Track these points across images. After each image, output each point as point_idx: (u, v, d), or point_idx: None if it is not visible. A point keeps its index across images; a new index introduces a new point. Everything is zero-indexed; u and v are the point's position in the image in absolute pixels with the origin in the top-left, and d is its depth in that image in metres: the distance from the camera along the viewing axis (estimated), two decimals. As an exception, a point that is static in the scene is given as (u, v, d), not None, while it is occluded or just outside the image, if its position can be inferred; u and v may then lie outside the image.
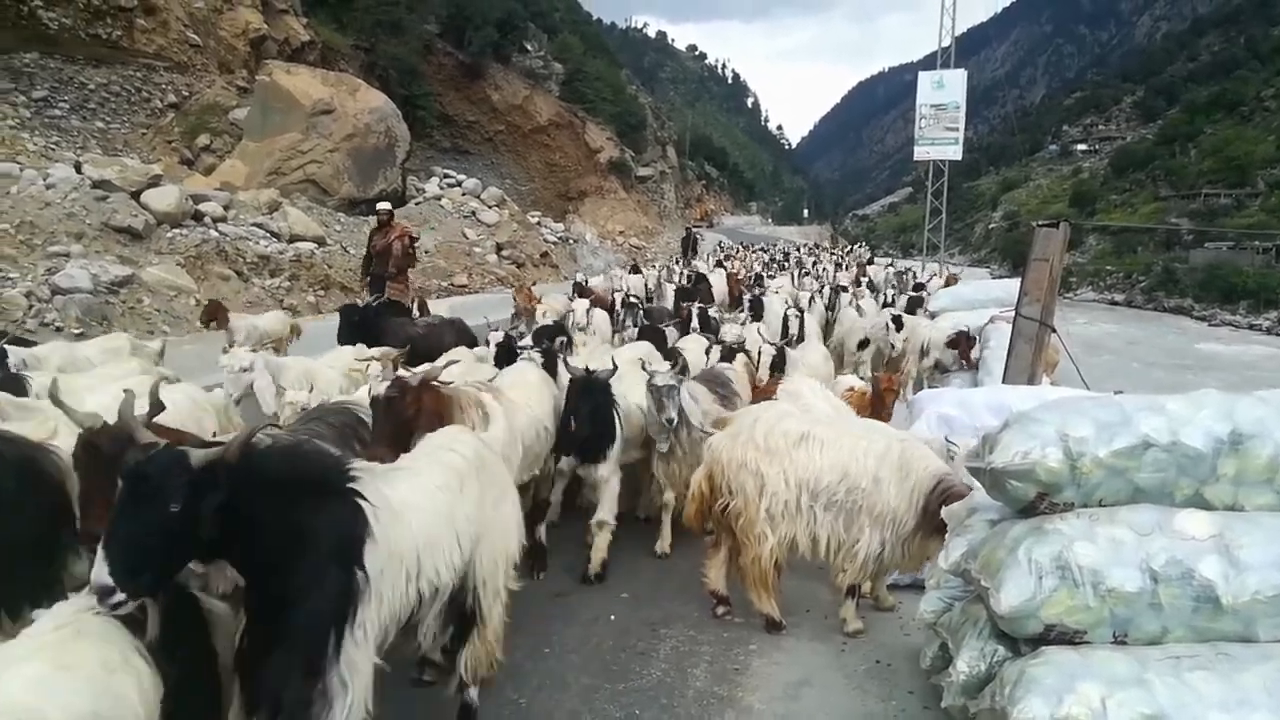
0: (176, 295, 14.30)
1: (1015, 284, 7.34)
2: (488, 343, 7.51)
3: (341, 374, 6.56)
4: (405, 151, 26.89)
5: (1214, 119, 75.38)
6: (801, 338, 9.47)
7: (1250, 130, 69.90)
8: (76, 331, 11.93)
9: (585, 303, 10.79)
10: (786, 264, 26.62)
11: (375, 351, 6.76)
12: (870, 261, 29.75)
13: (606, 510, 5.33)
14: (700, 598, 5.03)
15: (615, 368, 5.46)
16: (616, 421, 5.37)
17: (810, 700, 4.09)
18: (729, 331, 9.31)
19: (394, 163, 26.04)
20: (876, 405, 6.69)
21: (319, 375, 6.51)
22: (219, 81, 25.78)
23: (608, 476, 5.33)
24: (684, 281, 16.58)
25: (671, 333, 9.66)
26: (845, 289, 14.73)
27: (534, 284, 17.97)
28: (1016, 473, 3.05)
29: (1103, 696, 2.64)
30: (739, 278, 18.00)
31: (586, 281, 14.85)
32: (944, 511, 3.98)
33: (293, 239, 18.74)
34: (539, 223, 33.95)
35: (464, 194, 29.65)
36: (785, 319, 9.96)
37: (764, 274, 18.84)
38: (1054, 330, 6.50)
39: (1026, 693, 2.74)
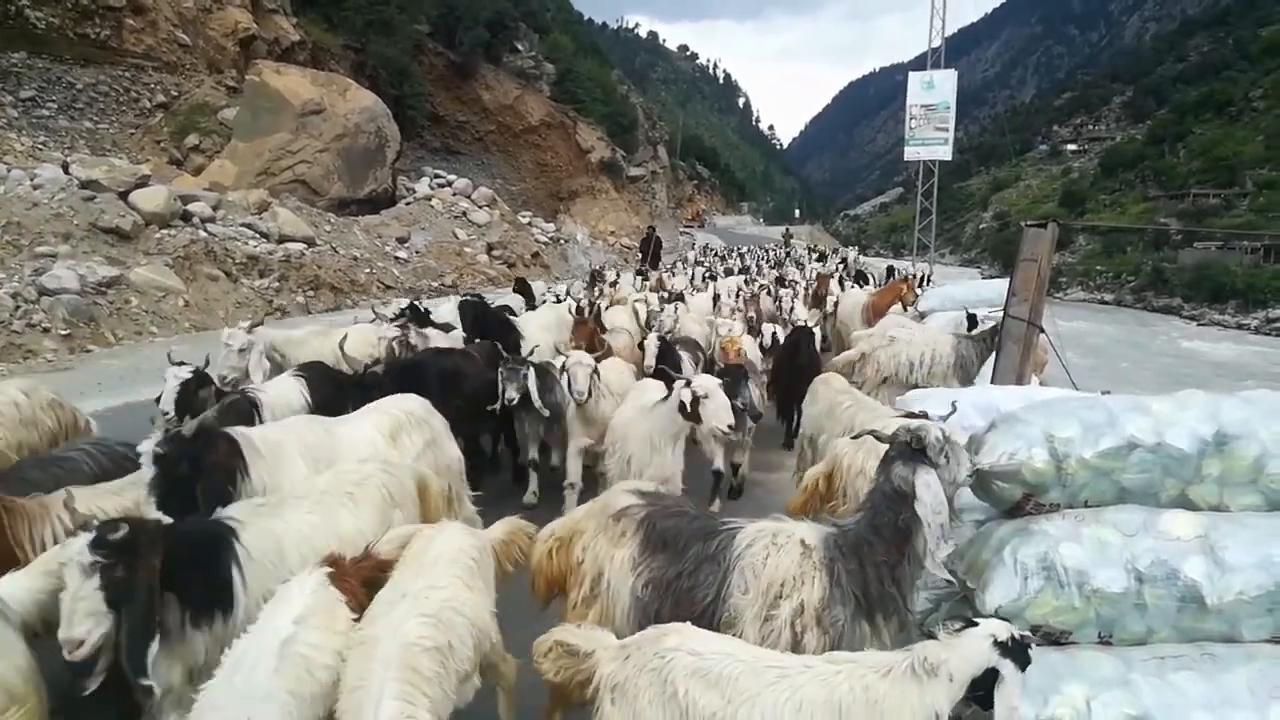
0: (165, 296, 14.22)
1: (1005, 284, 7.35)
2: None
3: None
4: (395, 151, 26.83)
5: (1203, 119, 75.91)
6: None
7: (1238, 130, 70.46)
8: (64, 333, 11.87)
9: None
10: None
11: None
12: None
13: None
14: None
15: None
16: None
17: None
18: None
19: (384, 163, 25.97)
20: None
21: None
22: (208, 81, 25.66)
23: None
24: (660, 292, 12.67)
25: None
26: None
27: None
28: (1002, 473, 3.05)
29: (1088, 697, 2.65)
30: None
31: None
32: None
33: (282, 239, 18.65)
34: (530, 223, 33.91)
35: (455, 194, 29.57)
36: None
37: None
38: (1042, 330, 6.51)
39: (1012, 694, 2.74)
